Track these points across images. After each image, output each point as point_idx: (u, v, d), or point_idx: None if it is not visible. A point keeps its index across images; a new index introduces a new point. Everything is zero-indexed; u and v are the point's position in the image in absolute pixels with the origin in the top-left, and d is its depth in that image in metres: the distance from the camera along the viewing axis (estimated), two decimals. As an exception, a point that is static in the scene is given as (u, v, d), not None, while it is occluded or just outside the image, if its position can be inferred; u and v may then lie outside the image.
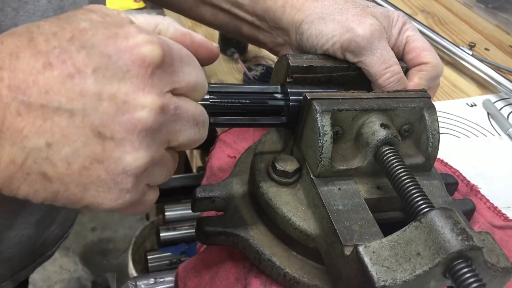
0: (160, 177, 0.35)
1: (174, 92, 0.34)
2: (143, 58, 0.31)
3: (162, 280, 0.67)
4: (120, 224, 2.10)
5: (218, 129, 0.77)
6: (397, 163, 0.43)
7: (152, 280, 0.67)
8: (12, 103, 0.29)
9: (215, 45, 0.38)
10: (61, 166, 0.31)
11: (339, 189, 0.45)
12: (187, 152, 1.32)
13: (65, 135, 0.30)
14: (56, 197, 0.32)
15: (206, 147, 1.17)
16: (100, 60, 0.30)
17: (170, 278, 0.68)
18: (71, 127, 0.30)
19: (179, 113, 0.34)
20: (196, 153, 1.22)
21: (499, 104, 0.84)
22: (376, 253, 0.37)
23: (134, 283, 0.65)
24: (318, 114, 0.44)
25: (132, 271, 1.49)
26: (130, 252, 1.53)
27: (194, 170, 1.12)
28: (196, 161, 1.14)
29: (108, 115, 0.31)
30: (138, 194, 0.34)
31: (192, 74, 0.35)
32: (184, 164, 1.37)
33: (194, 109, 0.35)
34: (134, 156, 0.32)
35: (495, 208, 0.58)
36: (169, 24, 0.36)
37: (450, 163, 0.65)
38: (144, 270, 0.94)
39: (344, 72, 0.51)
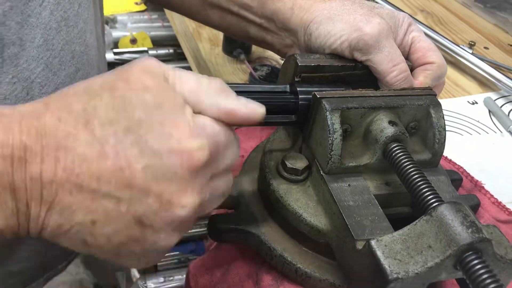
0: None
1: (212, 176, 0.36)
2: (191, 163, 0.33)
3: (171, 278, 0.68)
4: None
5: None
6: (406, 159, 0.44)
7: (161, 279, 0.68)
8: (66, 183, 0.32)
9: (261, 112, 0.38)
10: (101, 240, 0.34)
11: (349, 185, 0.46)
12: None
13: (109, 217, 0.33)
14: (91, 254, 0.35)
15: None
16: (151, 158, 0.32)
17: (179, 277, 0.69)
18: (116, 211, 0.33)
19: (212, 194, 0.37)
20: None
21: (499, 102, 0.85)
22: (388, 247, 0.38)
23: (143, 282, 0.66)
24: (327, 112, 0.45)
25: (135, 273, 1.50)
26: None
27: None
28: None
29: (151, 208, 0.33)
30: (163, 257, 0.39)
31: (230, 157, 0.37)
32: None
33: (224, 185, 0.38)
34: (167, 241, 0.36)
35: (500, 203, 0.59)
36: (212, 102, 0.35)
37: (453, 159, 0.66)
38: (153, 269, 0.95)
39: (351, 71, 0.52)
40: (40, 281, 0.64)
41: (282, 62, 0.54)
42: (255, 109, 0.37)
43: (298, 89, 0.49)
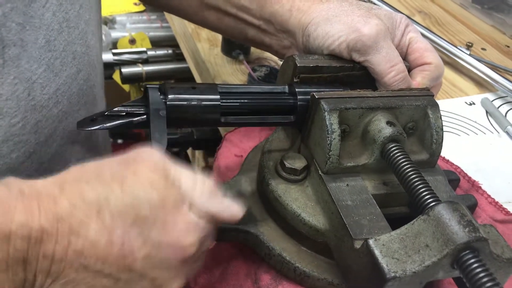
0: None
1: (195, 259, 0.41)
2: (184, 255, 0.38)
3: (170, 278, 0.68)
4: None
5: (222, 130, 0.79)
6: (404, 159, 0.44)
7: (160, 278, 0.68)
8: (74, 263, 0.35)
9: (240, 214, 0.43)
10: None
11: (347, 185, 0.46)
12: (189, 153, 1.33)
13: None
14: None
15: (208, 148, 1.19)
16: (152, 249, 0.37)
17: (178, 276, 0.69)
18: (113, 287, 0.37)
19: (193, 270, 0.42)
20: (198, 154, 1.23)
21: (497, 103, 0.86)
22: (386, 246, 0.38)
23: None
24: (326, 113, 0.46)
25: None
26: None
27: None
28: (199, 162, 1.15)
29: None
30: None
31: (207, 244, 0.42)
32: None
33: (199, 264, 0.43)
34: None
35: (496, 203, 0.60)
36: (203, 205, 0.40)
37: (451, 160, 0.67)
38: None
39: (349, 72, 0.53)
40: None
41: (281, 63, 0.54)
42: (235, 213, 0.42)
43: (296, 89, 0.50)
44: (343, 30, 0.50)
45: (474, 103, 0.86)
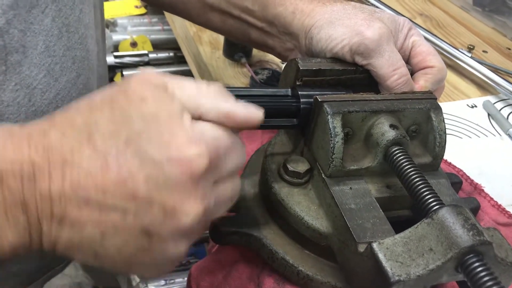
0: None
1: (217, 181, 0.36)
2: (191, 170, 0.33)
3: (172, 281, 0.68)
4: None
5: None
6: (407, 163, 0.44)
7: (162, 282, 0.68)
8: (73, 197, 0.33)
9: (260, 115, 0.38)
10: (112, 251, 0.35)
11: (351, 188, 0.46)
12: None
13: (117, 229, 0.34)
14: (103, 266, 0.36)
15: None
16: (152, 169, 0.33)
17: (180, 279, 0.69)
18: (123, 223, 0.34)
19: (218, 199, 0.37)
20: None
21: (498, 105, 0.86)
22: (389, 249, 0.38)
23: (145, 285, 0.66)
24: (329, 116, 0.46)
25: (135, 275, 1.50)
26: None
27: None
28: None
29: (157, 218, 0.34)
30: (175, 266, 0.39)
31: (234, 161, 0.37)
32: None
33: (231, 190, 0.38)
34: (176, 250, 0.36)
35: (499, 206, 0.60)
36: (212, 105, 0.36)
37: (453, 162, 0.67)
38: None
39: (352, 75, 0.53)
40: (39, 282, 0.64)
41: (283, 65, 0.54)
42: (255, 111, 0.38)
43: (299, 92, 0.50)
44: (346, 33, 0.50)
45: (476, 106, 0.86)
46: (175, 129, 0.34)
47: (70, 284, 1.91)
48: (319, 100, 0.47)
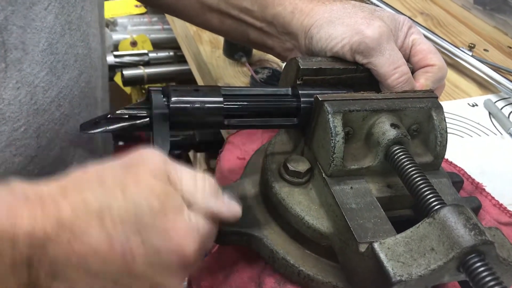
0: None
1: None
2: (183, 260, 0.39)
3: (173, 281, 0.68)
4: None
5: (224, 132, 0.78)
6: (408, 162, 0.44)
7: (163, 282, 0.68)
8: (77, 267, 0.36)
9: (239, 213, 0.44)
10: None
11: (351, 188, 0.46)
12: (191, 156, 1.33)
13: None
14: None
15: (210, 150, 1.18)
16: (152, 255, 0.38)
17: (181, 280, 0.69)
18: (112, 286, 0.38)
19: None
20: (200, 156, 1.23)
21: (499, 104, 0.85)
22: (391, 249, 0.38)
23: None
24: (329, 115, 0.45)
25: None
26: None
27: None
28: (200, 165, 1.15)
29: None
30: None
31: (210, 245, 0.43)
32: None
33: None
34: None
35: (501, 205, 0.59)
36: (204, 204, 0.40)
37: (454, 161, 0.67)
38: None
39: (352, 74, 0.52)
40: None
41: (283, 65, 0.54)
42: (235, 210, 0.43)
43: (300, 92, 0.49)
44: (346, 32, 0.50)
45: (477, 105, 0.85)
46: (177, 224, 0.38)
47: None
48: (320, 99, 0.47)
